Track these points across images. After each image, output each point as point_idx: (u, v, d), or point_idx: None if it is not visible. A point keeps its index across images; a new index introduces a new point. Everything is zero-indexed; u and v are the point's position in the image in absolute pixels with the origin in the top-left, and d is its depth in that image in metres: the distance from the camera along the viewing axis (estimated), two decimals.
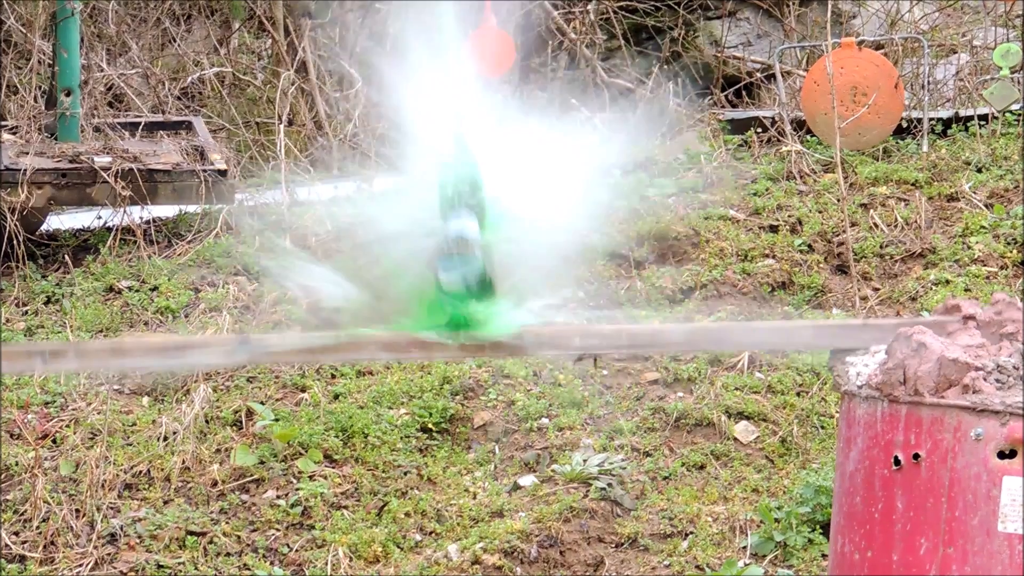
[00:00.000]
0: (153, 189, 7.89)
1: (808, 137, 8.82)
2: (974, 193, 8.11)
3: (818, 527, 5.61)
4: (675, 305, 7.22)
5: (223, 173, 7.95)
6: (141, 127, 8.54)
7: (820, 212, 7.95)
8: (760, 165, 8.57)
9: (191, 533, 5.68)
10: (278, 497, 5.89)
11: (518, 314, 3.83)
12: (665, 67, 10.72)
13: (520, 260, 3.89)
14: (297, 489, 5.90)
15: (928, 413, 3.62)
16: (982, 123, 8.98)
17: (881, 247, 7.64)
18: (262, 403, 6.38)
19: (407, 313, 3.86)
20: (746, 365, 6.63)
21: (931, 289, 7.24)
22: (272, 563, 5.59)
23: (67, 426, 6.20)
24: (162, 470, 5.97)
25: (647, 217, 7.78)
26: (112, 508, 5.77)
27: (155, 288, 7.44)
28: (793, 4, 10.56)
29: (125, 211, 7.93)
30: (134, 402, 6.47)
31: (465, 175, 3.80)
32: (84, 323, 7.05)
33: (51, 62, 8.84)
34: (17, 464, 5.95)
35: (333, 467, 6.06)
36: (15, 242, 7.58)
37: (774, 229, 7.82)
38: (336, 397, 6.48)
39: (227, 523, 5.77)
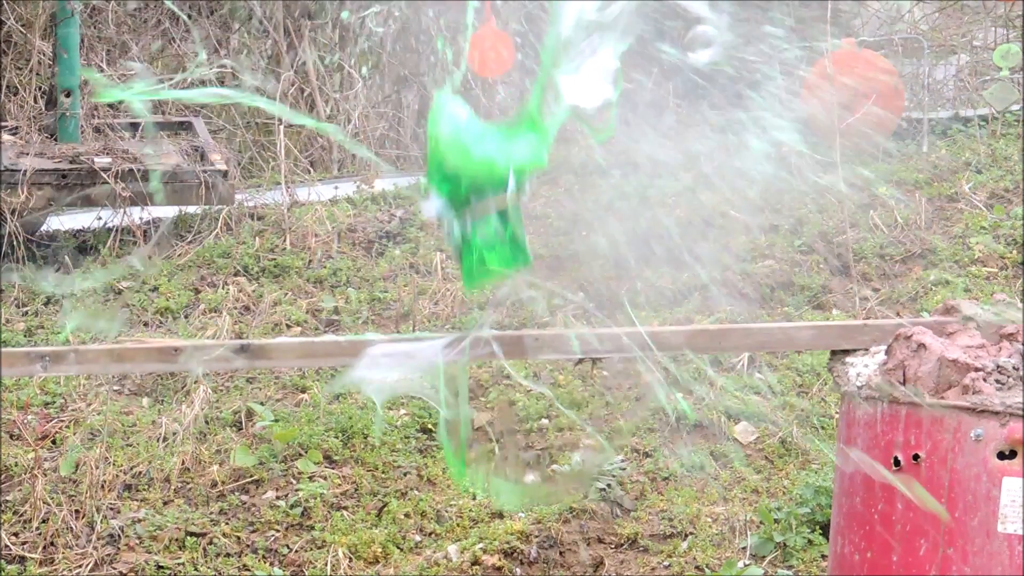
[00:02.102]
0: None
1: (808, 137, 8.82)
2: (974, 193, 8.11)
3: (818, 528, 5.61)
4: (675, 306, 7.22)
5: (223, 174, 7.95)
6: (141, 128, 8.54)
7: (820, 212, 7.95)
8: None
9: (191, 534, 5.68)
10: (278, 498, 5.88)
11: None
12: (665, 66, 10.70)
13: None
14: (297, 490, 5.89)
15: (928, 414, 3.62)
16: (982, 123, 8.98)
17: (881, 247, 7.64)
18: (262, 404, 6.38)
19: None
20: (746, 366, 6.62)
21: (931, 290, 7.24)
22: (272, 564, 5.59)
23: (67, 427, 6.20)
24: (162, 471, 5.97)
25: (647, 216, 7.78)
26: (112, 509, 5.77)
27: (155, 289, 7.44)
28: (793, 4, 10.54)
29: (125, 212, 7.93)
30: (134, 403, 6.46)
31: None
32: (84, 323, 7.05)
33: (51, 62, 8.84)
34: (17, 465, 5.95)
35: (333, 468, 6.06)
36: (15, 243, 7.58)
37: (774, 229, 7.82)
38: (336, 398, 6.47)
39: (227, 524, 5.76)
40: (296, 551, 5.65)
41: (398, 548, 5.65)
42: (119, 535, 5.65)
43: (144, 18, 10.65)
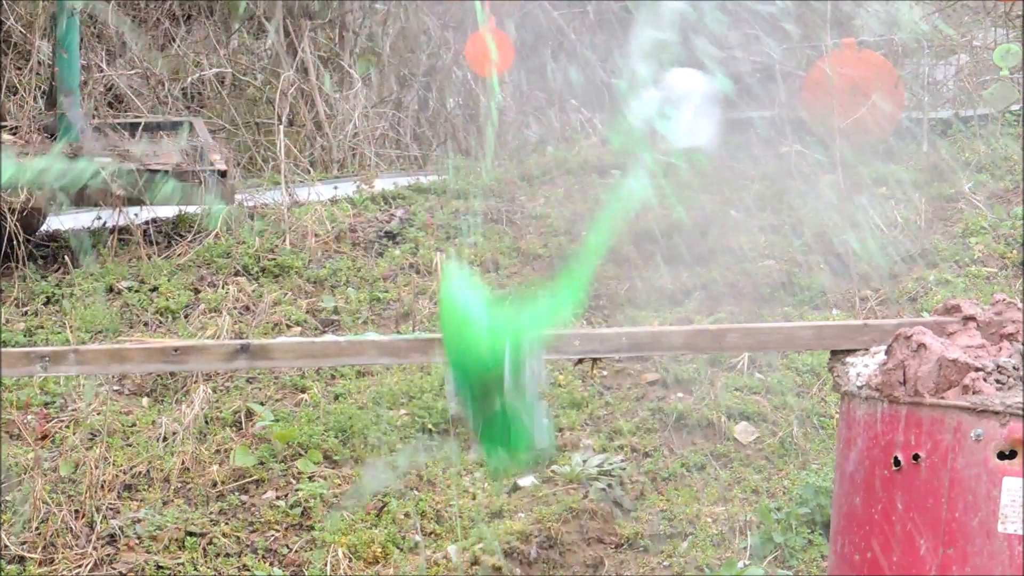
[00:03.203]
0: (153, 189, 7.88)
1: (808, 137, 8.82)
2: (974, 193, 8.11)
3: (818, 528, 5.61)
4: (675, 306, 7.22)
5: (223, 173, 7.94)
6: (141, 127, 8.54)
7: (821, 212, 7.95)
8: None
9: (190, 534, 5.68)
10: (278, 498, 5.88)
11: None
12: None
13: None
14: (296, 490, 5.89)
15: (928, 414, 3.62)
16: (982, 123, 8.98)
17: (881, 247, 7.63)
18: (262, 404, 6.38)
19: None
20: (746, 366, 6.62)
21: (931, 289, 7.24)
22: (271, 564, 5.59)
23: (66, 427, 6.20)
24: (161, 471, 5.97)
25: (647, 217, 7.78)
26: (111, 509, 5.77)
27: (155, 289, 7.43)
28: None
29: (124, 212, 7.93)
30: (134, 403, 6.46)
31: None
32: (84, 324, 7.05)
33: (51, 62, 8.84)
34: (17, 465, 5.95)
35: (333, 468, 6.06)
36: (15, 243, 7.58)
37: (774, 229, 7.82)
38: (336, 398, 6.47)
39: (226, 524, 5.76)
40: (296, 551, 5.65)
41: (398, 548, 5.65)
42: (119, 535, 5.65)
43: (143, 17, 10.65)
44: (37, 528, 5.65)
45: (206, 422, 6.24)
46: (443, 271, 3.81)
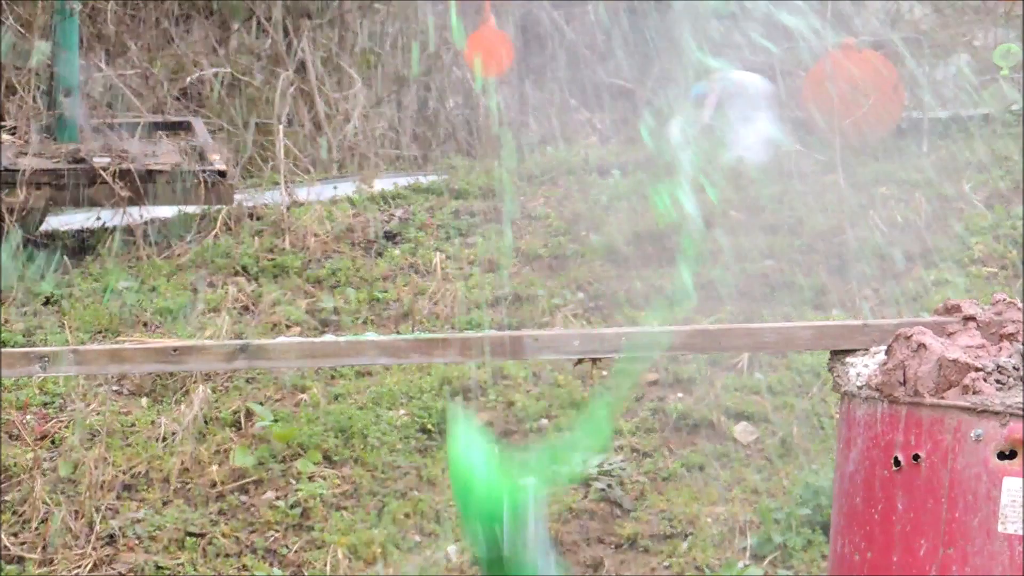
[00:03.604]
0: (153, 189, 7.88)
1: (808, 137, 8.81)
2: (974, 193, 8.10)
3: (818, 528, 5.60)
4: (675, 306, 7.21)
5: (222, 174, 7.94)
6: (140, 127, 8.53)
7: (820, 212, 7.94)
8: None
9: (190, 534, 5.67)
10: (277, 498, 5.88)
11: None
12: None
13: None
14: (296, 490, 5.89)
15: (928, 414, 3.62)
16: (982, 123, 8.98)
17: (881, 247, 7.63)
18: (261, 404, 6.37)
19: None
20: (746, 366, 6.62)
21: (931, 289, 7.23)
22: (271, 564, 5.59)
23: (66, 427, 6.20)
24: (161, 471, 5.96)
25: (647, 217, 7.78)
26: (111, 509, 5.77)
27: (154, 289, 7.43)
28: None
29: (124, 212, 7.92)
30: (133, 403, 6.46)
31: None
32: (83, 324, 7.04)
33: (50, 62, 8.83)
34: (16, 465, 5.95)
35: (332, 468, 6.05)
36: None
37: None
38: (335, 398, 6.47)
39: (226, 524, 5.76)
40: (295, 551, 5.65)
41: (397, 548, 5.65)
42: (118, 535, 5.65)
43: (142, 17, 10.65)
44: (37, 528, 5.65)
45: (205, 422, 6.24)
46: (450, 423, 3.83)
